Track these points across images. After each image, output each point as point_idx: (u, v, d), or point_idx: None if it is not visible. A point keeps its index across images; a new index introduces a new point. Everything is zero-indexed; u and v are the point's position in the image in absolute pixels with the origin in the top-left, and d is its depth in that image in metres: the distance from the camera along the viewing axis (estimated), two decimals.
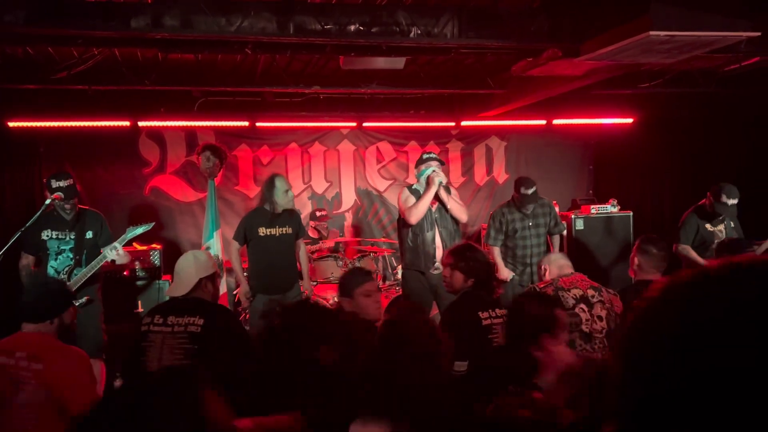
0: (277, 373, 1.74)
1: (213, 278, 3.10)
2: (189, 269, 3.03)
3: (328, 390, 1.68)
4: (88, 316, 4.21)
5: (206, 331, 2.78)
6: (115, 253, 4.19)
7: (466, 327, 2.90)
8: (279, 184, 4.81)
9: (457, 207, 4.77)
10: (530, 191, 4.97)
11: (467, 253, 3.22)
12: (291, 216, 4.90)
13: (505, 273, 5.06)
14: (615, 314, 3.12)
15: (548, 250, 5.12)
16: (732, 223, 4.97)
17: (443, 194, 4.68)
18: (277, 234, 4.77)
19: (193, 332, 2.78)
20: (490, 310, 2.99)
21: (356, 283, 2.98)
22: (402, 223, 4.80)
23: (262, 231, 4.75)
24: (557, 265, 3.46)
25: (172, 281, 3.18)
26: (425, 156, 4.86)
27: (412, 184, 4.91)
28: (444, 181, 4.67)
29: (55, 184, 4.11)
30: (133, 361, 2.88)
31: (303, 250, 5.00)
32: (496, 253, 5.11)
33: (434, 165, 4.72)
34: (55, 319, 2.61)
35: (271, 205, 4.77)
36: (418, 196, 4.68)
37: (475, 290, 3.13)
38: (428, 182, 4.63)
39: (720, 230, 4.92)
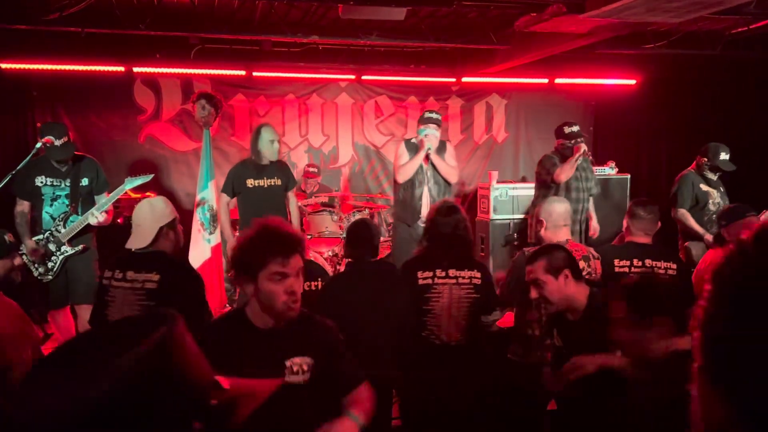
0: None
1: (173, 225, 3.02)
2: (147, 219, 2.94)
3: None
4: (83, 264, 4.26)
5: (162, 287, 2.79)
6: (95, 220, 4.17)
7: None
8: (265, 133, 4.76)
9: (446, 168, 4.83)
10: (575, 128, 4.80)
11: (429, 216, 3.30)
12: (280, 167, 4.85)
13: None
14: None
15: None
16: (722, 188, 4.97)
17: (434, 157, 4.76)
18: (266, 185, 4.73)
19: (150, 289, 2.80)
20: (437, 271, 3.08)
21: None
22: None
23: (251, 182, 4.71)
24: (554, 223, 3.28)
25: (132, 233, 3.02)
26: (426, 115, 4.91)
27: (411, 138, 5.02)
28: (433, 149, 4.73)
29: (56, 142, 4.05)
30: (98, 314, 2.92)
31: (293, 201, 4.95)
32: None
33: (432, 128, 4.76)
34: None
35: (257, 155, 4.72)
36: (414, 152, 4.80)
37: (429, 251, 3.18)
38: (419, 146, 4.76)
39: (713, 192, 4.92)
